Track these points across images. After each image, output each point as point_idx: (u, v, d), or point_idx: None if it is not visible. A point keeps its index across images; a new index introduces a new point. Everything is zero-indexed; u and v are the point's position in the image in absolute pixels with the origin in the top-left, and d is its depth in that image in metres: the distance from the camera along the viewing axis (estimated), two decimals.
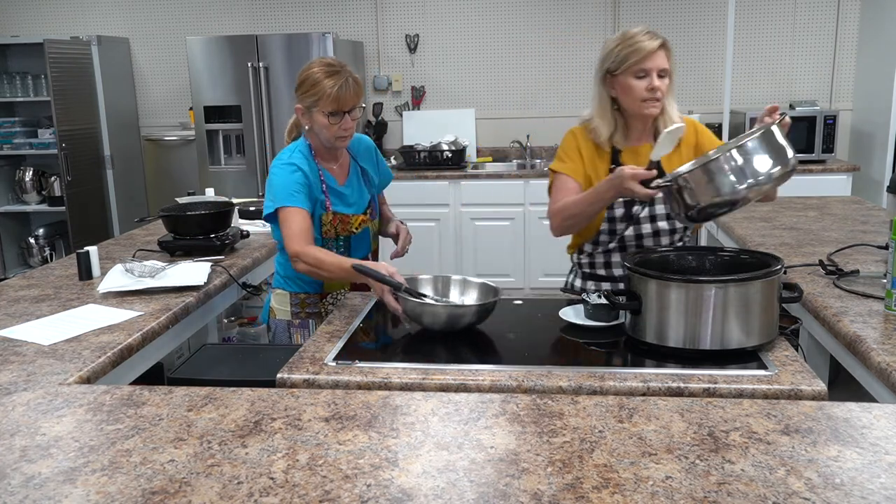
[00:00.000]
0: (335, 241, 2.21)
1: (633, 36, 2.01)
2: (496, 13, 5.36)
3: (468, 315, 1.81)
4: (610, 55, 2.05)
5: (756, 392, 1.42)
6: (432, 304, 1.86)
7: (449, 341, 1.78)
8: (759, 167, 1.69)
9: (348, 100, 2.09)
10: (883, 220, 2.88)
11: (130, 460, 1.16)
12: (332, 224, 2.19)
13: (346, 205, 2.23)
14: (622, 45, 2.02)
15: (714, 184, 1.71)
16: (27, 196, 5.39)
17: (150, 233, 3.04)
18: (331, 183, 2.21)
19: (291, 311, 2.26)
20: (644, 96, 2.01)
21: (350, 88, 2.09)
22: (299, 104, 2.16)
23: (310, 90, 2.10)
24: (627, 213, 2.09)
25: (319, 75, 2.09)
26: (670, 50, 2.04)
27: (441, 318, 1.81)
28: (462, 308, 1.86)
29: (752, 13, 5.16)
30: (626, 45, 2.01)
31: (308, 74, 2.12)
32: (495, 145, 5.52)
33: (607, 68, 2.06)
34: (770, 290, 1.59)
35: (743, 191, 1.69)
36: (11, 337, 1.80)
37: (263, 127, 4.89)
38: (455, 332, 1.81)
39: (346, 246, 2.24)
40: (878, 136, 4.82)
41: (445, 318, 1.81)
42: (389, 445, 1.19)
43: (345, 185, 2.25)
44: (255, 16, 5.53)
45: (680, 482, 1.06)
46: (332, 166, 2.24)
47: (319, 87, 2.08)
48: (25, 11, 5.69)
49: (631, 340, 1.69)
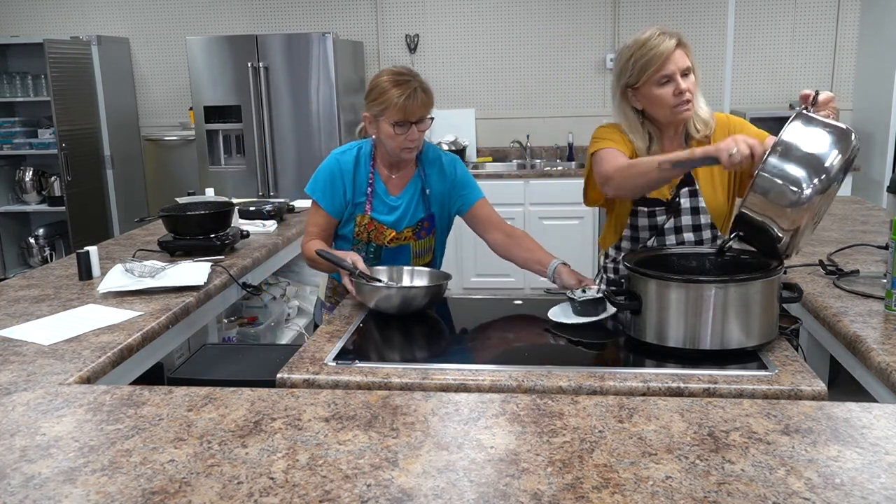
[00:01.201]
0: (366, 245, 2.21)
1: (646, 41, 1.89)
2: (496, 13, 5.36)
3: (419, 297, 1.92)
4: (626, 68, 1.93)
5: (756, 392, 1.42)
6: (386, 287, 1.96)
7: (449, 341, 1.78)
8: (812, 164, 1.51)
9: (415, 110, 2.04)
10: (883, 220, 2.88)
11: (130, 460, 1.16)
12: (365, 228, 2.18)
13: (388, 215, 2.19)
14: (636, 54, 1.89)
15: (776, 202, 1.54)
16: (27, 196, 5.39)
17: (150, 233, 3.04)
18: (379, 189, 2.18)
19: (326, 293, 2.38)
20: (673, 102, 1.89)
21: (418, 99, 2.03)
22: (367, 112, 2.12)
23: (377, 98, 2.06)
24: (651, 224, 2.05)
25: (387, 84, 2.04)
26: (688, 45, 1.91)
27: (394, 301, 1.92)
28: (413, 290, 1.98)
29: (752, 13, 5.16)
30: (641, 53, 1.89)
31: (377, 83, 2.08)
32: (495, 145, 5.52)
33: (626, 83, 1.94)
34: (770, 290, 1.59)
35: (810, 195, 1.51)
36: (11, 337, 1.80)
37: (263, 127, 4.89)
38: (407, 314, 1.93)
39: (377, 255, 2.22)
40: (878, 136, 4.82)
41: (399, 300, 1.92)
42: (389, 445, 1.19)
43: (397, 197, 2.21)
44: (255, 16, 5.53)
45: (680, 482, 1.06)
46: (390, 175, 2.20)
47: (386, 96, 2.03)
48: (25, 11, 5.69)
49: (631, 340, 1.69)
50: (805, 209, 1.53)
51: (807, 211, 1.53)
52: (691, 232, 2.03)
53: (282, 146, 4.91)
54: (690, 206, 2.02)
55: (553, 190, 4.86)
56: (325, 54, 4.72)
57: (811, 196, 1.52)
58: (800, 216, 1.54)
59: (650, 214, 2.04)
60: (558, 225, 4.89)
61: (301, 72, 4.79)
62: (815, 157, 1.53)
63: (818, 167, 1.52)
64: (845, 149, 1.54)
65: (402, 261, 2.23)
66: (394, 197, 2.20)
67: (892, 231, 1.74)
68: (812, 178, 1.52)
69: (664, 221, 2.03)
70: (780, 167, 1.53)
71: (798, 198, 1.52)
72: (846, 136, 1.55)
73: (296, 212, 3.45)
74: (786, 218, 1.54)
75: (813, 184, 1.51)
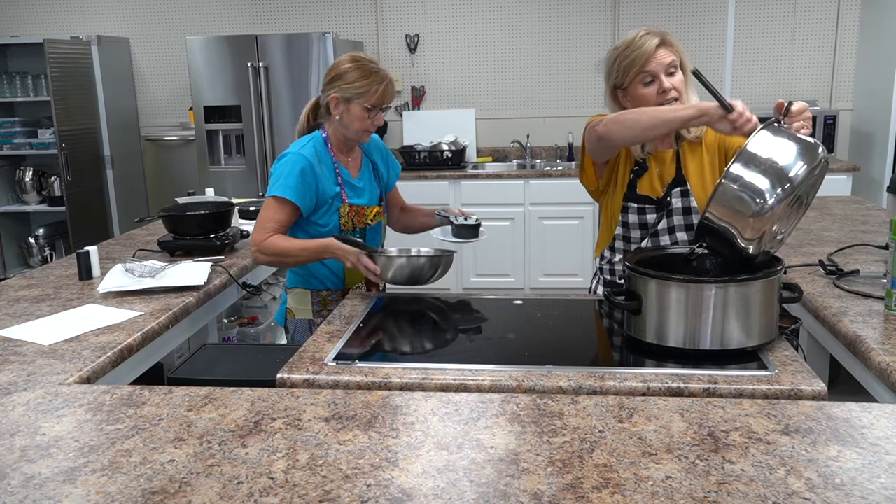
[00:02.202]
0: (353, 233, 2.23)
1: (630, 43, 1.94)
2: (496, 13, 5.37)
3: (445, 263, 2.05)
4: (612, 70, 1.98)
5: (756, 392, 1.42)
6: (408, 255, 2.04)
7: (449, 341, 1.78)
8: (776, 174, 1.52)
9: (389, 97, 2.18)
10: (883, 220, 2.88)
11: (130, 460, 1.16)
12: (349, 216, 2.21)
13: (360, 197, 2.26)
14: (621, 55, 1.95)
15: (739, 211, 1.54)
16: (27, 196, 5.39)
17: (150, 233, 3.04)
18: (345, 175, 2.24)
19: (313, 309, 2.28)
20: (658, 101, 1.93)
21: (392, 87, 2.19)
22: (336, 94, 2.15)
23: (354, 82, 2.12)
24: (642, 221, 2.06)
25: (364, 70, 2.13)
26: (674, 44, 1.95)
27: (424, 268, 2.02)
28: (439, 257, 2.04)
29: (752, 13, 5.16)
30: (625, 54, 1.94)
31: (349, 67, 2.14)
32: (495, 145, 5.52)
33: (613, 84, 2.00)
34: (770, 290, 1.59)
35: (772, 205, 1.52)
36: (11, 337, 1.80)
37: (263, 127, 4.89)
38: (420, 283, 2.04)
39: (363, 238, 2.25)
40: (878, 136, 4.82)
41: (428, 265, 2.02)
42: (389, 445, 1.19)
43: (357, 178, 2.28)
44: (255, 16, 5.53)
45: (680, 482, 1.06)
46: (347, 159, 2.27)
47: (367, 81, 2.12)
48: (25, 11, 5.69)
49: (631, 340, 1.69)
50: (767, 219, 1.53)
51: (768, 221, 1.54)
52: (684, 231, 2.04)
53: (282, 146, 4.91)
54: (682, 206, 2.03)
55: (553, 190, 4.86)
56: (325, 54, 4.73)
57: (773, 206, 1.52)
58: (762, 226, 1.54)
59: (640, 211, 2.05)
60: (558, 225, 4.90)
61: (301, 72, 4.79)
62: (779, 168, 1.54)
63: (782, 177, 1.53)
64: (811, 160, 1.54)
65: (379, 239, 2.34)
66: (356, 179, 2.28)
67: (892, 231, 1.74)
68: (775, 188, 1.52)
69: (655, 220, 2.05)
70: (743, 176, 1.54)
71: (760, 208, 1.52)
72: (812, 149, 1.56)
73: None
74: (749, 227, 1.55)
75: (776, 194, 1.52)
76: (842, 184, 4.72)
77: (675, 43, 1.96)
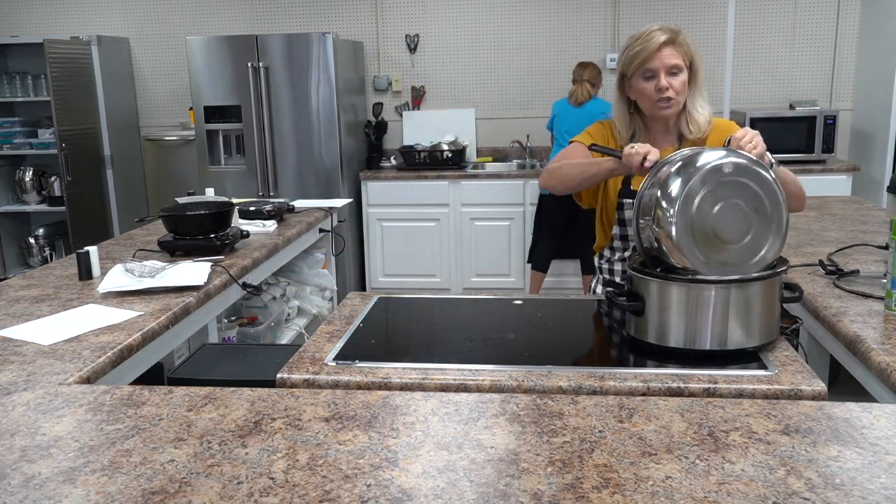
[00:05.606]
0: None
1: (641, 35, 1.96)
2: (496, 13, 5.37)
3: None
4: (621, 58, 2.01)
5: (756, 392, 1.42)
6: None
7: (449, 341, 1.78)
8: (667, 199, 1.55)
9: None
10: (883, 220, 2.88)
11: (130, 460, 1.16)
12: None
13: None
14: (630, 45, 1.97)
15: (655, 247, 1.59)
16: (27, 196, 5.40)
17: (150, 233, 3.04)
18: None
19: None
20: (654, 98, 1.95)
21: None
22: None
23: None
24: None
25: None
26: (683, 44, 1.95)
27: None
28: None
29: (752, 13, 5.16)
30: (633, 45, 1.96)
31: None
32: (495, 145, 5.52)
33: (621, 72, 2.02)
34: (771, 290, 1.59)
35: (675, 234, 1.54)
36: (11, 337, 1.80)
37: (263, 127, 4.89)
38: None
39: None
40: (878, 136, 4.82)
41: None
42: (389, 445, 1.19)
43: None
44: (255, 16, 5.53)
45: (680, 482, 1.06)
46: None
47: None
48: (25, 11, 5.69)
49: (631, 340, 1.69)
50: (680, 248, 1.54)
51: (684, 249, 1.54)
52: None
53: (282, 146, 4.91)
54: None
55: None
56: (325, 54, 4.73)
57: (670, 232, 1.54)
58: (679, 259, 1.56)
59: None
60: None
61: (301, 72, 4.79)
62: (664, 191, 1.57)
63: (670, 200, 1.55)
64: (687, 179, 1.54)
65: None
66: None
67: (892, 231, 1.74)
68: (667, 210, 1.55)
69: None
70: (641, 222, 1.62)
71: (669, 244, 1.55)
72: (691, 162, 1.58)
73: (296, 212, 3.45)
74: (672, 258, 1.57)
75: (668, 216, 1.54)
76: (842, 184, 4.72)
77: (685, 43, 1.97)
